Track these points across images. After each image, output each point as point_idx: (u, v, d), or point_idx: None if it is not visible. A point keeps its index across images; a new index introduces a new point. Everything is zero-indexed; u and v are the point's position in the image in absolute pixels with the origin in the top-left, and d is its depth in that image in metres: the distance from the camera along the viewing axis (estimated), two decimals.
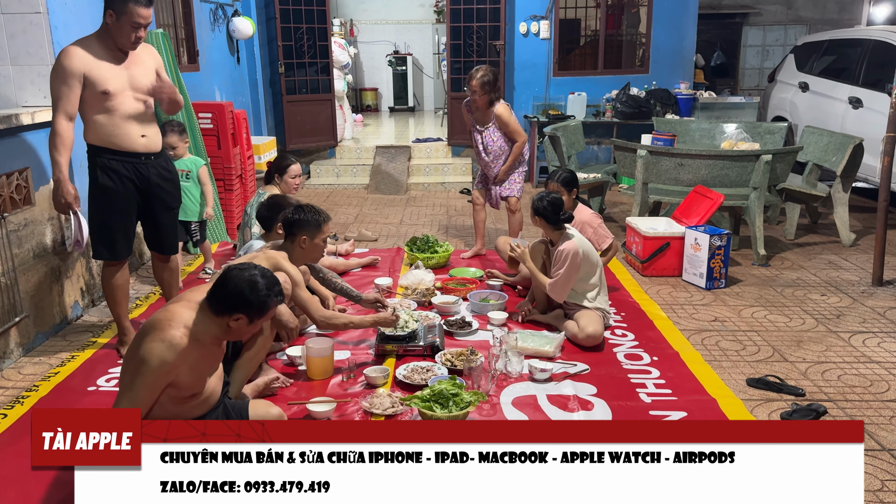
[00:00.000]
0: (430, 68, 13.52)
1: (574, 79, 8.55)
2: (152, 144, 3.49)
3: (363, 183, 8.35)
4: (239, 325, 2.35)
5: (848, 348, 3.70)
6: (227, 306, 2.32)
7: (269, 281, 2.37)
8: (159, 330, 2.27)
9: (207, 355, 2.40)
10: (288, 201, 3.86)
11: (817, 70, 7.68)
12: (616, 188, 7.31)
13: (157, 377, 2.22)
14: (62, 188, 3.27)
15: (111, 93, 3.30)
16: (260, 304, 2.33)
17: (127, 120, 3.37)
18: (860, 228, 6.00)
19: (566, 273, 3.70)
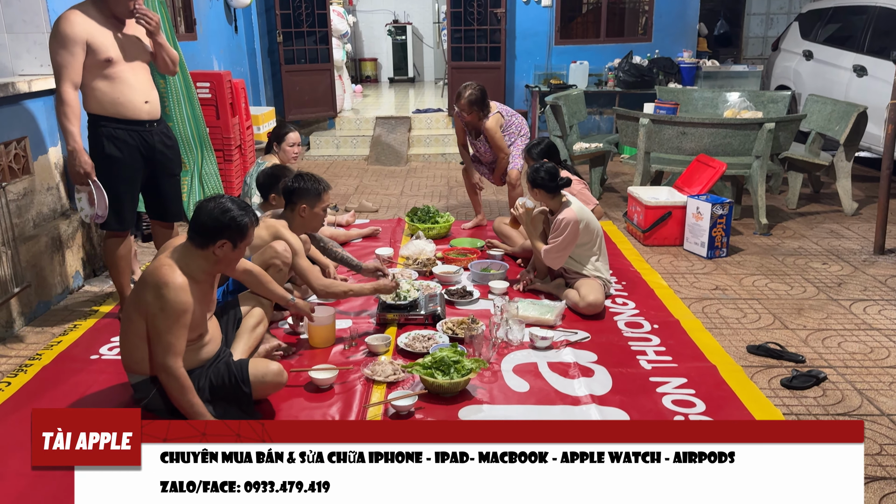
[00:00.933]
0: (430, 38, 13.36)
1: (576, 47, 8.46)
2: (154, 111, 3.46)
3: (363, 154, 8.30)
4: (225, 252, 2.55)
5: (849, 316, 3.70)
6: (208, 236, 2.52)
7: (239, 204, 2.57)
8: (160, 278, 2.45)
9: (204, 294, 2.61)
10: (286, 172, 3.84)
11: (822, 38, 7.58)
12: (618, 158, 7.28)
13: (179, 319, 2.44)
14: (79, 158, 3.21)
15: (113, 60, 3.25)
16: (237, 225, 2.53)
17: (130, 87, 3.33)
18: (862, 198, 5.98)
19: (563, 241, 3.69)
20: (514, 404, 2.86)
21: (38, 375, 3.11)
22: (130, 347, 2.61)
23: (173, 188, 3.68)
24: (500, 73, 8.54)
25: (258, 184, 3.98)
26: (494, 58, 8.53)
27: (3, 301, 3.48)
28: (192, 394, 2.52)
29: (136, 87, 3.36)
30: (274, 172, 3.90)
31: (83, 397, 2.92)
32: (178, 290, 2.44)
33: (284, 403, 2.84)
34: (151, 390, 2.64)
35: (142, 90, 3.39)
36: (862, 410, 2.80)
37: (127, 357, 2.65)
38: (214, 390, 2.66)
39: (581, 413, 2.77)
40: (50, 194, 3.96)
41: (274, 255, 3.26)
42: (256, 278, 3.02)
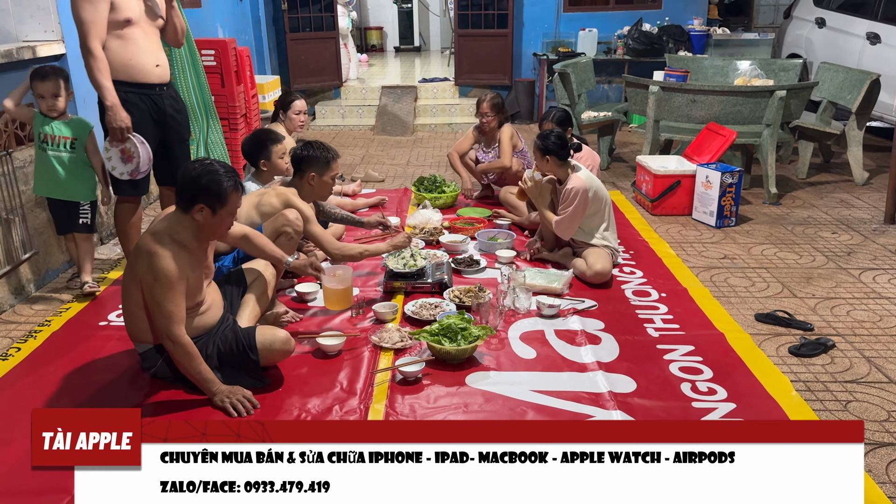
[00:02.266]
0: (437, 6, 13.19)
1: (585, 14, 8.34)
2: (165, 74, 3.48)
3: (369, 124, 8.25)
4: (204, 217, 2.48)
5: (858, 285, 3.68)
6: (187, 199, 2.46)
7: (224, 168, 2.49)
8: (149, 248, 2.43)
9: (197, 261, 2.57)
10: (272, 135, 3.72)
11: (835, 5, 7.44)
12: (626, 128, 7.20)
13: (174, 287, 2.42)
14: (118, 113, 3.21)
15: (132, 20, 3.27)
16: (216, 189, 2.43)
17: (141, 49, 3.33)
18: (873, 167, 5.92)
19: (573, 211, 3.67)
20: (521, 371, 2.86)
21: (48, 342, 3.13)
22: (132, 318, 2.61)
23: (183, 152, 3.69)
24: (507, 41, 8.44)
25: (243, 151, 3.77)
26: (502, 25, 8.42)
27: (12, 268, 3.49)
28: (200, 361, 2.53)
29: (147, 49, 3.35)
30: (259, 137, 3.74)
31: (92, 362, 2.94)
32: (166, 258, 2.41)
33: (293, 370, 2.85)
34: (157, 359, 2.65)
35: (153, 53, 3.39)
36: (870, 378, 2.80)
37: (130, 327, 2.65)
38: (222, 357, 2.68)
39: (588, 379, 2.78)
40: None
41: (286, 223, 3.26)
42: (252, 242, 2.94)
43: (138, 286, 2.50)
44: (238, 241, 2.94)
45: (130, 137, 3.30)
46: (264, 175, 3.71)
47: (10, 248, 3.49)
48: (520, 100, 8.32)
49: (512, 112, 8.32)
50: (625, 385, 2.74)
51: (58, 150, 3.45)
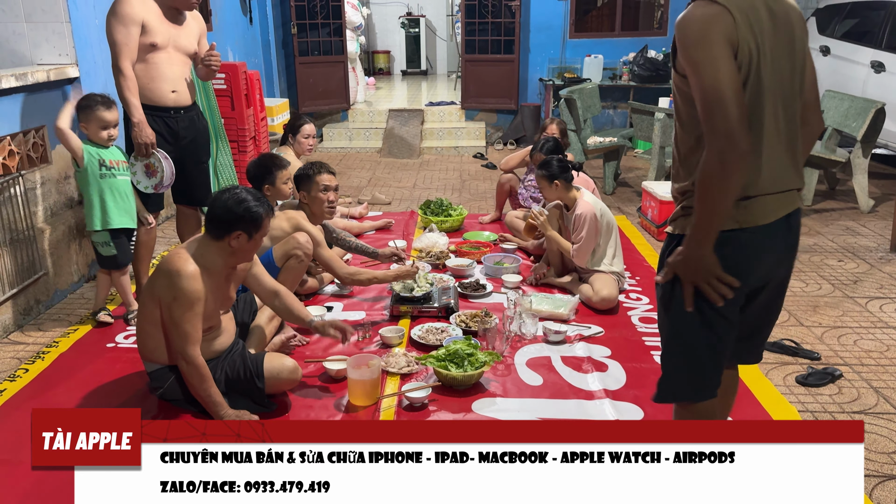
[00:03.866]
0: (444, 31, 13.33)
1: (591, 41, 8.42)
2: (182, 99, 3.58)
3: (376, 146, 8.31)
4: (240, 243, 2.55)
5: (864, 314, 3.68)
6: (223, 228, 2.52)
7: (254, 195, 2.58)
8: (173, 266, 2.48)
9: (217, 287, 2.60)
10: (277, 160, 3.68)
11: (839, 34, 7.51)
12: (632, 153, 7.25)
13: (192, 307, 2.46)
14: (144, 130, 3.36)
15: (158, 46, 3.42)
16: (252, 215, 2.53)
17: (161, 75, 3.47)
18: (879, 195, 5.93)
19: (587, 236, 3.69)
20: (527, 398, 2.86)
21: (55, 364, 3.14)
22: (145, 335, 2.63)
23: (200, 174, 3.80)
24: (513, 66, 8.52)
25: (249, 176, 3.72)
26: (508, 51, 8.51)
27: (21, 289, 3.51)
28: (211, 383, 2.54)
29: (167, 75, 3.49)
30: (263, 162, 3.69)
31: (99, 386, 2.95)
32: (189, 278, 2.46)
33: (299, 393, 2.85)
34: (167, 379, 2.66)
35: (172, 79, 3.52)
36: (878, 409, 2.79)
37: (142, 345, 2.67)
38: (229, 382, 2.68)
39: (595, 408, 2.77)
40: (67, 183, 3.98)
41: (296, 246, 3.28)
42: (284, 301, 2.88)
43: (157, 303, 2.53)
44: (268, 298, 2.90)
45: (155, 153, 3.44)
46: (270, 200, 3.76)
47: (19, 269, 3.51)
48: (525, 124, 8.37)
49: (517, 136, 8.39)
50: (632, 414, 2.73)
51: (123, 174, 3.43)
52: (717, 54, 1.64)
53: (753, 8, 1.70)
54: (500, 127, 8.75)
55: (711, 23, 1.65)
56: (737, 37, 1.66)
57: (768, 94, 1.72)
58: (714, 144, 1.62)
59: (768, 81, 1.72)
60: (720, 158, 1.62)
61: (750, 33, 1.67)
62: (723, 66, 1.63)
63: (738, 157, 1.61)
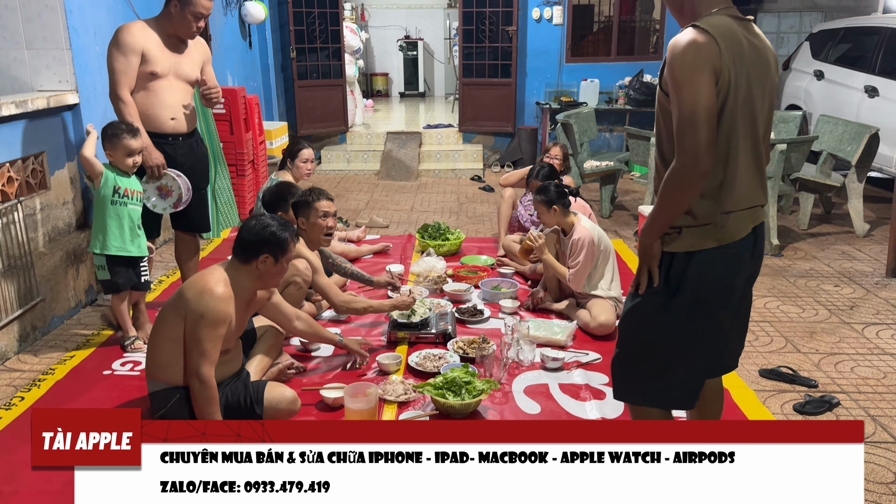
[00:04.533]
0: (441, 53, 13.45)
1: (587, 65, 8.50)
2: (180, 126, 3.63)
3: (374, 169, 8.34)
4: (267, 267, 2.64)
5: (861, 340, 3.69)
6: (251, 252, 2.62)
7: (279, 221, 2.68)
8: (206, 285, 2.53)
9: (240, 311, 2.65)
10: (291, 189, 3.78)
11: (833, 58, 7.59)
12: (628, 176, 7.29)
13: (217, 329, 2.50)
14: (152, 153, 3.47)
15: (158, 74, 3.48)
16: (278, 239, 2.62)
17: (160, 102, 3.53)
18: (874, 219, 5.96)
19: (584, 261, 3.71)
20: None
21: (51, 391, 3.13)
22: (159, 350, 2.61)
23: (197, 201, 3.81)
24: (510, 89, 8.59)
25: (264, 203, 3.84)
26: (505, 75, 8.58)
27: (17, 315, 3.50)
28: (217, 407, 2.56)
29: (167, 103, 3.55)
30: (279, 191, 3.81)
31: None
32: (220, 299, 2.51)
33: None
34: (171, 399, 2.62)
35: (171, 107, 3.57)
36: (875, 437, 2.79)
37: (152, 361, 2.65)
38: (229, 407, 2.68)
39: None
40: (65, 209, 3.99)
41: (295, 273, 3.30)
42: (309, 323, 3.12)
43: (181, 318, 2.53)
44: (291, 323, 3.04)
45: (167, 173, 3.53)
46: None
47: (16, 296, 3.51)
48: (523, 147, 8.42)
49: (514, 158, 8.43)
50: None
51: (134, 204, 3.48)
52: (700, 80, 1.80)
53: (738, 41, 1.86)
54: (497, 149, 8.80)
55: (700, 50, 1.81)
56: (720, 66, 1.82)
57: (742, 119, 1.90)
58: (681, 159, 1.83)
59: (743, 108, 1.89)
60: (683, 173, 1.83)
61: (732, 64, 1.83)
62: (703, 92, 1.80)
63: (698, 175, 1.82)
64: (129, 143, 3.36)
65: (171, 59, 3.53)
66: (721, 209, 1.91)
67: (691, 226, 1.93)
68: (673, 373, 2.05)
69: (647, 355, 2.07)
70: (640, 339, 2.08)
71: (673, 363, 2.03)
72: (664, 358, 2.04)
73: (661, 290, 1.99)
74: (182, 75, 3.59)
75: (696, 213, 1.91)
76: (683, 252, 1.94)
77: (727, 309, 2.02)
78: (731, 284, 1.98)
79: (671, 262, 1.96)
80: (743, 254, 1.98)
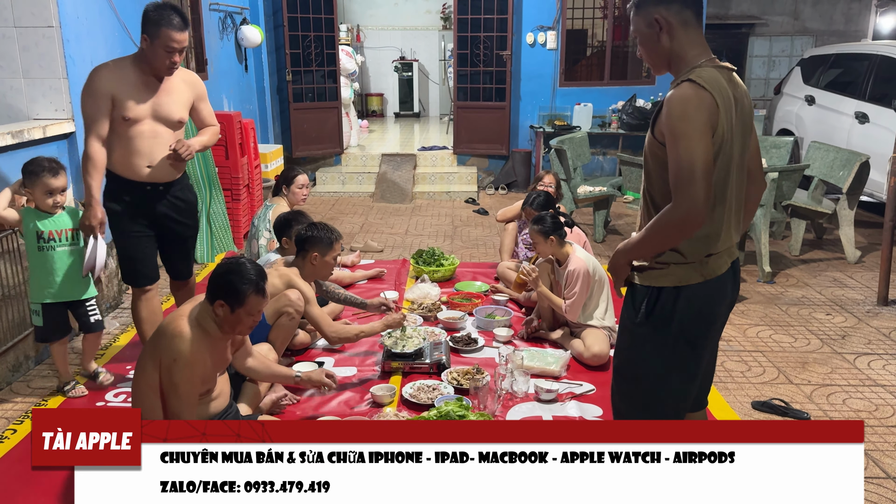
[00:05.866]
0: (436, 74, 13.55)
1: (580, 89, 8.57)
2: (158, 174, 3.28)
3: (368, 191, 8.37)
4: (224, 314, 2.49)
5: (853, 371, 3.71)
6: (210, 294, 2.52)
7: (252, 270, 2.52)
8: (174, 329, 2.48)
9: (215, 349, 2.58)
10: (303, 217, 3.90)
11: (823, 83, 7.69)
12: (621, 200, 7.33)
13: (192, 369, 2.44)
14: (90, 211, 3.14)
15: (131, 119, 3.16)
16: (235, 290, 2.46)
17: (136, 150, 3.21)
18: (865, 244, 6.01)
19: (580, 292, 3.72)
20: None
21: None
22: (141, 397, 2.61)
23: (177, 250, 3.55)
24: (505, 113, 8.65)
25: (275, 227, 3.99)
26: (500, 98, 8.65)
27: (10, 346, 3.49)
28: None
29: (141, 150, 3.21)
30: (288, 217, 3.95)
31: None
32: (189, 341, 2.46)
33: None
34: None
35: (147, 154, 3.22)
36: (868, 473, 2.80)
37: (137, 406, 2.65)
38: None
39: None
40: None
41: (287, 304, 3.30)
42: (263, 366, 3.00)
43: (156, 365, 2.52)
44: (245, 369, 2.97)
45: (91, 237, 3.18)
46: (286, 251, 3.81)
47: (9, 325, 3.50)
48: (517, 169, 8.47)
49: (509, 181, 8.47)
50: None
51: (63, 245, 3.25)
52: (698, 134, 1.85)
53: (727, 95, 1.91)
54: (491, 172, 8.84)
55: (699, 105, 1.86)
56: (717, 121, 1.87)
57: (734, 171, 1.98)
58: (677, 211, 1.86)
59: (735, 160, 1.97)
60: (681, 221, 1.86)
61: (726, 118, 1.90)
62: (700, 145, 1.84)
63: (694, 226, 1.87)
64: (49, 182, 3.14)
65: (149, 101, 3.18)
66: (706, 252, 1.99)
67: (679, 262, 1.99)
68: (663, 405, 2.10)
69: (640, 389, 2.13)
70: (632, 373, 2.15)
71: (662, 396, 2.09)
72: (654, 391, 2.09)
73: (648, 325, 2.04)
74: (163, 117, 3.22)
75: (685, 252, 1.99)
76: (672, 287, 2.00)
77: (712, 340, 2.12)
78: (717, 314, 2.08)
79: (658, 296, 2.02)
80: (725, 287, 2.06)
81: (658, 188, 2.01)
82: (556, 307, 3.87)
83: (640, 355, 2.09)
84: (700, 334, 2.04)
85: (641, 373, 2.10)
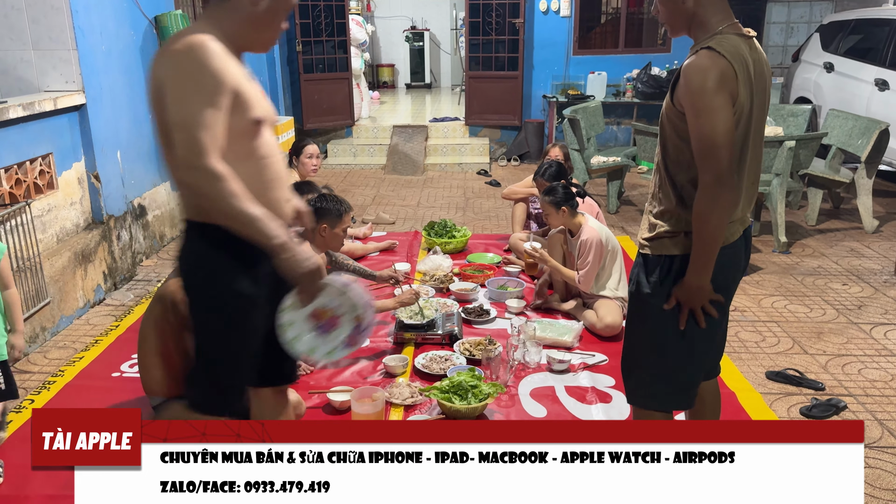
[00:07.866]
0: (448, 44, 13.39)
1: (594, 57, 8.44)
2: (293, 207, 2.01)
3: (380, 163, 8.34)
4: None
5: (869, 341, 3.67)
6: None
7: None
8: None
9: None
10: (312, 187, 3.86)
11: (843, 50, 7.52)
12: (635, 170, 7.26)
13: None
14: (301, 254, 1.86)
15: (263, 123, 1.89)
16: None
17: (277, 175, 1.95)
18: (883, 214, 5.93)
19: (593, 262, 3.70)
20: None
21: (61, 393, 3.15)
22: (147, 366, 2.63)
23: None
24: (517, 82, 8.54)
25: None
26: (512, 67, 8.54)
27: (27, 317, 3.53)
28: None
29: (281, 174, 1.98)
30: (297, 188, 3.92)
31: None
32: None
33: None
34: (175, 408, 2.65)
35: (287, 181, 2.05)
36: (882, 442, 2.78)
37: (145, 377, 2.67)
38: None
39: None
40: (73, 209, 4.01)
41: None
42: None
43: (157, 331, 2.52)
44: None
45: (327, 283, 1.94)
46: None
47: (25, 298, 3.53)
48: (529, 140, 8.40)
49: (521, 152, 8.41)
50: None
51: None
52: (718, 104, 1.83)
53: (746, 62, 1.88)
54: (503, 143, 8.77)
55: (718, 75, 1.83)
56: (737, 90, 1.85)
57: (753, 139, 1.96)
58: (706, 185, 1.86)
59: (754, 128, 1.95)
60: (712, 197, 1.86)
61: (746, 86, 1.87)
62: (722, 116, 1.83)
63: (727, 195, 1.87)
64: None
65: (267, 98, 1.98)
66: None
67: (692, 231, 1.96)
68: (678, 374, 2.12)
69: (654, 359, 2.14)
70: (646, 343, 2.15)
71: (677, 365, 2.10)
72: (669, 360, 2.10)
73: (662, 294, 2.04)
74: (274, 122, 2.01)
75: None
76: (684, 255, 1.99)
77: (724, 306, 2.10)
78: (730, 281, 2.08)
79: (671, 265, 2.02)
80: (739, 253, 2.08)
81: (673, 157, 1.98)
82: (569, 279, 3.85)
83: (653, 325, 2.09)
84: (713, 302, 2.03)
85: (656, 343, 2.10)
